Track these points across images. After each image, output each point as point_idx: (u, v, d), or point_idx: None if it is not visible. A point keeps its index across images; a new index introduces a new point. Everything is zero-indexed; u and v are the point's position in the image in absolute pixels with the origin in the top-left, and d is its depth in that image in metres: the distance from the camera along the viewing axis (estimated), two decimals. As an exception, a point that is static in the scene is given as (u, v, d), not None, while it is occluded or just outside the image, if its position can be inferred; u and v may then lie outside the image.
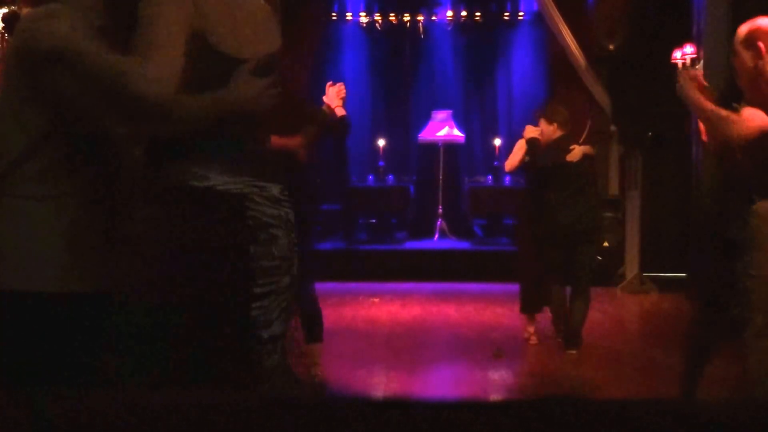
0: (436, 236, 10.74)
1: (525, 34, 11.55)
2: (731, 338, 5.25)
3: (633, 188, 8.78)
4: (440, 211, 10.90)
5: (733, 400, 4.35)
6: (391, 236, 10.49)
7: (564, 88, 9.84)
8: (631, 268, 8.66)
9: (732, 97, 4.92)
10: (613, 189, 9.39)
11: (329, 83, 4.86)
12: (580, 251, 5.65)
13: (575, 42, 9.08)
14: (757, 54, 3.41)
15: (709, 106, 3.51)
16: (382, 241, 10.21)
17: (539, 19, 10.46)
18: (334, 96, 4.78)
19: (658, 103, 7.52)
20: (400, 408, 0.84)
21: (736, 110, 3.47)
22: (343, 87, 4.79)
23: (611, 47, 8.62)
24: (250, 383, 2.06)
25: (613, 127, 9.03)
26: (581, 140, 9.54)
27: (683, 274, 7.78)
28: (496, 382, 5.17)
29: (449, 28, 11.67)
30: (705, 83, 3.60)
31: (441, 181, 10.95)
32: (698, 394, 4.44)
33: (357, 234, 10.55)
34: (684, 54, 7.30)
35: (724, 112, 3.46)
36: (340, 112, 4.71)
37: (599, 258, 9.17)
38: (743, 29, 3.50)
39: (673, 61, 7.44)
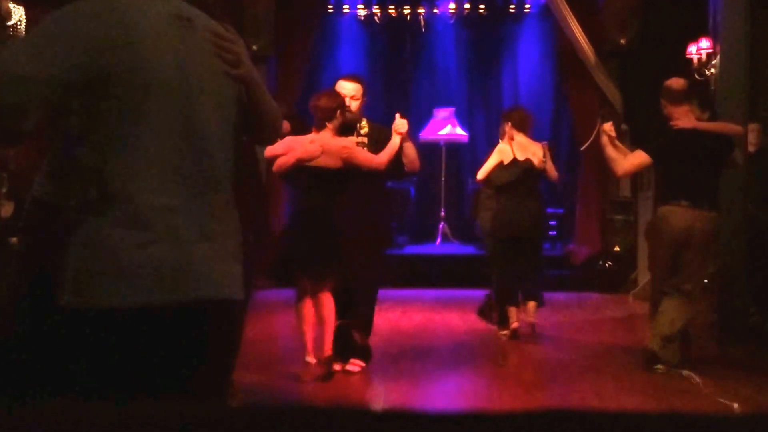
0: (438, 240, 10.75)
1: (532, 28, 11.56)
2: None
3: (645, 189, 8.78)
4: (442, 214, 10.91)
5: (747, 414, 4.33)
6: (390, 240, 10.48)
7: (573, 85, 9.85)
8: (644, 273, 8.64)
9: (753, 89, 5.21)
10: (625, 191, 9.39)
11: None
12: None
13: (585, 36, 9.09)
14: (665, 104, 5.41)
15: (607, 150, 5.47)
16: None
17: (547, 11, 10.47)
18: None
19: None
20: (399, 420, 0.84)
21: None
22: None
23: (623, 41, 8.63)
24: None
25: (624, 126, 9.03)
26: (590, 140, 9.61)
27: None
28: (500, 393, 5.17)
29: (452, 22, 11.68)
30: (613, 134, 5.50)
31: (443, 183, 10.95)
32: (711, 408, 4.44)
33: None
34: (699, 48, 7.31)
35: (613, 156, 5.46)
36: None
37: (608, 263, 9.18)
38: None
39: (688, 56, 7.45)
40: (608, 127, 5.50)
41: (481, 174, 6.56)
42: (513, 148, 6.46)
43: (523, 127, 6.57)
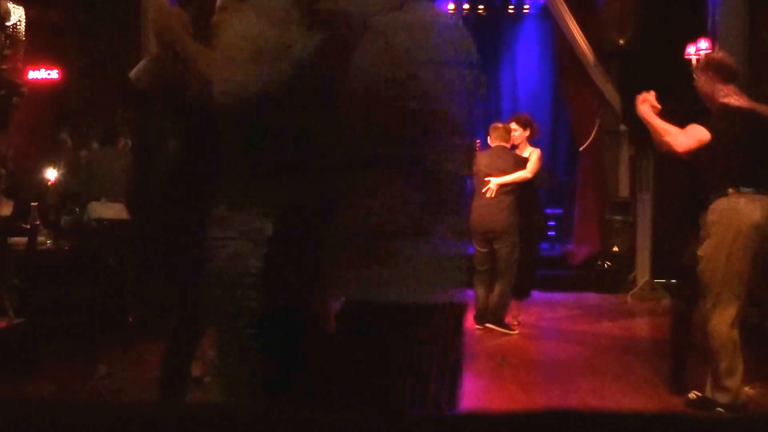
0: (437, 240, 10.73)
1: (530, 29, 11.56)
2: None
3: (644, 190, 8.78)
4: (441, 214, 10.90)
5: (743, 415, 4.33)
6: (389, 240, 10.47)
7: (572, 85, 9.85)
8: (642, 273, 8.66)
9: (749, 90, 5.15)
10: (623, 191, 9.40)
11: None
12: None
13: (583, 37, 9.09)
14: (711, 79, 4.51)
15: (656, 121, 4.47)
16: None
17: (545, 12, 10.48)
18: None
19: (671, 101, 7.52)
20: (399, 420, 0.84)
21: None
22: None
23: (622, 42, 8.63)
24: None
25: (623, 127, 9.04)
26: (589, 140, 9.61)
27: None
28: (499, 393, 5.17)
29: (451, 22, 11.67)
30: (657, 104, 4.50)
31: (442, 183, 10.95)
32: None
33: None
34: (698, 49, 7.31)
35: (666, 128, 4.43)
36: None
37: (609, 263, 9.20)
38: (704, 58, 4.71)
39: (686, 56, 7.45)
40: (652, 95, 4.54)
41: (531, 172, 6.74)
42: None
43: (534, 139, 7.02)
